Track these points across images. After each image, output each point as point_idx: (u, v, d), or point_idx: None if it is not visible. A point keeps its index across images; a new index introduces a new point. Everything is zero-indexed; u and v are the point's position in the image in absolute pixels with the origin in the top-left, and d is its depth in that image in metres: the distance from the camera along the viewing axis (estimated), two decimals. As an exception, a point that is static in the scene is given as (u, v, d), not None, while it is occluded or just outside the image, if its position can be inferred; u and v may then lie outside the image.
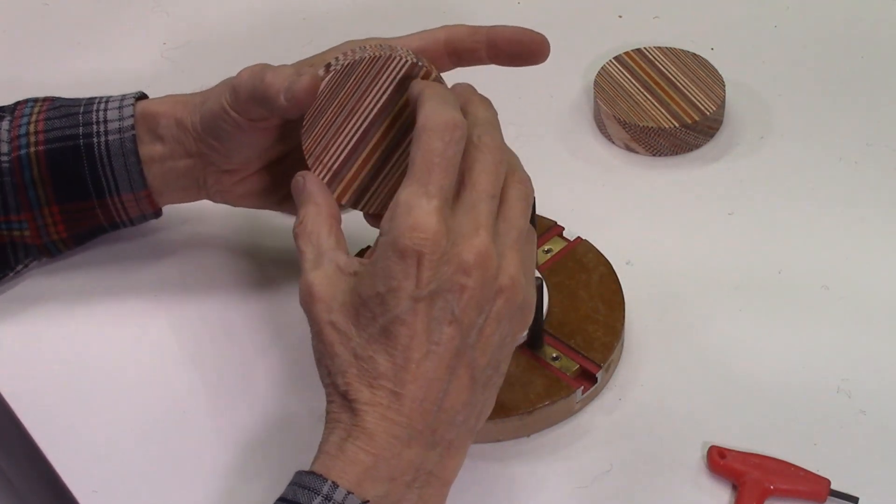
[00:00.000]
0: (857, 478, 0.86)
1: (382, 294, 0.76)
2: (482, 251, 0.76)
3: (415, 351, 0.76)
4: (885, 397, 0.90)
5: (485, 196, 0.78)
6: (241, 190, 0.93)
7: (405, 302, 0.75)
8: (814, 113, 1.08)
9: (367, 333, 0.76)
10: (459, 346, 0.76)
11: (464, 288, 0.76)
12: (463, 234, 0.76)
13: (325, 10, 1.18)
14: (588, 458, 0.88)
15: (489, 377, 0.78)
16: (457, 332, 0.76)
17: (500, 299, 0.77)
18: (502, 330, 0.78)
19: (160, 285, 0.98)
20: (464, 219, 0.77)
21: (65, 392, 0.93)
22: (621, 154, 1.06)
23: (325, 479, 0.75)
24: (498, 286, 0.77)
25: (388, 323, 0.76)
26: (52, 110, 0.93)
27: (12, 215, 0.93)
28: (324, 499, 0.74)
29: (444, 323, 0.76)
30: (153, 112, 0.91)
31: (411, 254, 0.75)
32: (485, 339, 0.77)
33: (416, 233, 0.75)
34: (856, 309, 0.95)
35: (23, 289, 0.98)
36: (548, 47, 0.86)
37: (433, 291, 0.75)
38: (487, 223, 0.77)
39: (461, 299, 0.76)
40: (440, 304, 0.76)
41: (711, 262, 0.98)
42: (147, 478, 0.88)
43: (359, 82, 0.83)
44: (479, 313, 0.77)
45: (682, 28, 1.14)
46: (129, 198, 0.93)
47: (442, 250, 0.75)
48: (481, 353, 0.77)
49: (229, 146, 0.89)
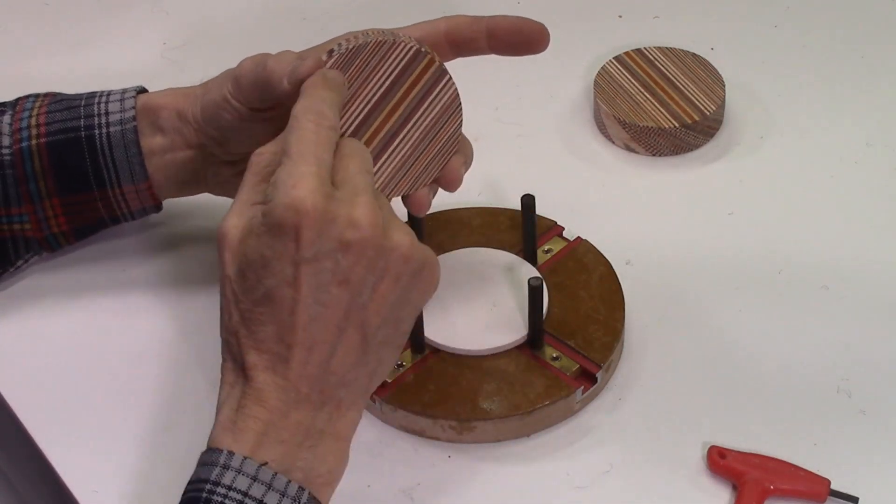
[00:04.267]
0: (857, 478, 0.86)
1: (267, 258, 0.76)
2: (369, 209, 0.76)
3: (300, 314, 0.76)
4: (885, 397, 0.90)
5: (359, 171, 0.79)
6: (240, 182, 0.93)
7: (288, 266, 0.76)
8: (814, 113, 1.08)
9: (252, 297, 0.77)
10: (349, 305, 0.77)
11: (350, 245, 0.76)
12: (344, 198, 0.77)
13: (325, 9, 1.18)
14: (588, 458, 0.88)
15: (386, 336, 0.79)
16: (345, 292, 0.76)
17: (393, 257, 0.77)
18: (400, 289, 0.78)
19: (161, 281, 0.98)
20: (343, 188, 0.77)
21: (65, 390, 0.93)
22: (621, 154, 1.06)
23: (220, 451, 0.76)
24: (390, 245, 0.77)
25: (272, 288, 0.76)
26: (53, 104, 0.93)
27: (13, 208, 0.93)
28: (222, 468, 0.75)
29: (332, 284, 0.76)
30: (154, 104, 0.92)
31: (289, 221, 0.75)
32: (379, 297, 0.77)
33: (294, 199, 0.75)
34: (856, 309, 0.95)
35: (23, 285, 0.98)
36: (547, 36, 0.87)
37: (317, 253, 0.76)
38: (367, 190, 0.78)
39: (347, 256, 0.76)
40: (327, 264, 0.76)
41: (711, 262, 0.98)
42: (147, 478, 0.88)
43: (362, 66, 0.84)
44: (369, 271, 0.77)
45: (682, 28, 1.14)
46: (130, 190, 0.93)
47: (321, 212, 0.75)
48: (374, 313, 0.78)
49: (230, 136, 0.90)
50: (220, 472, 0.75)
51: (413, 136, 0.86)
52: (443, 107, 0.86)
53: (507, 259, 0.95)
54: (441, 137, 0.87)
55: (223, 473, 0.75)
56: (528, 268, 0.94)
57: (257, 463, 0.76)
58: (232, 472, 0.75)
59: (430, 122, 0.86)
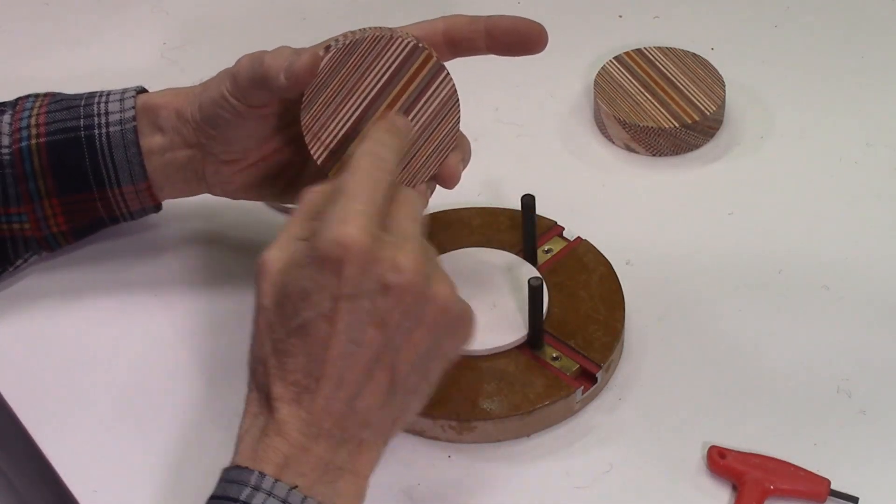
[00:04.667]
0: (857, 478, 0.86)
1: (307, 290, 0.76)
2: (414, 256, 0.77)
3: (332, 350, 0.76)
4: (885, 397, 0.90)
5: (411, 218, 0.79)
6: (241, 181, 0.93)
7: (327, 301, 0.76)
8: (814, 113, 1.08)
9: (287, 328, 0.77)
10: (382, 348, 0.77)
11: (390, 288, 0.76)
12: (391, 241, 0.77)
13: (325, 9, 1.18)
14: (588, 458, 0.88)
15: (414, 384, 0.79)
16: (380, 334, 0.76)
17: (431, 307, 0.77)
18: (433, 339, 0.78)
19: (160, 281, 0.98)
20: (392, 233, 0.78)
21: (65, 390, 0.93)
22: (621, 154, 1.06)
23: (251, 471, 0.75)
24: (431, 293, 0.77)
25: (308, 320, 0.76)
26: (53, 104, 0.93)
27: (12, 208, 0.93)
28: (253, 489, 0.75)
29: (368, 324, 0.76)
30: (154, 104, 0.92)
31: (334, 256, 0.75)
32: (412, 344, 0.77)
33: (342, 234, 0.75)
34: (856, 309, 0.95)
35: (22, 285, 0.98)
36: (545, 37, 0.87)
37: (358, 291, 0.76)
38: (416, 237, 0.78)
39: (387, 299, 0.76)
40: (365, 304, 0.76)
41: (711, 263, 0.98)
42: (147, 478, 0.88)
43: (360, 61, 0.84)
44: (406, 317, 0.77)
45: (682, 28, 1.14)
46: (130, 190, 0.93)
47: (367, 251, 0.75)
48: (405, 359, 0.77)
49: (228, 135, 0.90)
50: (250, 492, 0.75)
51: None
52: (440, 102, 0.86)
53: (507, 259, 0.95)
54: (439, 133, 0.87)
55: (254, 494, 0.75)
56: (528, 268, 0.94)
57: (288, 486, 0.75)
58: (262, 494, 0.75)
59: (428, 117, 0.86)
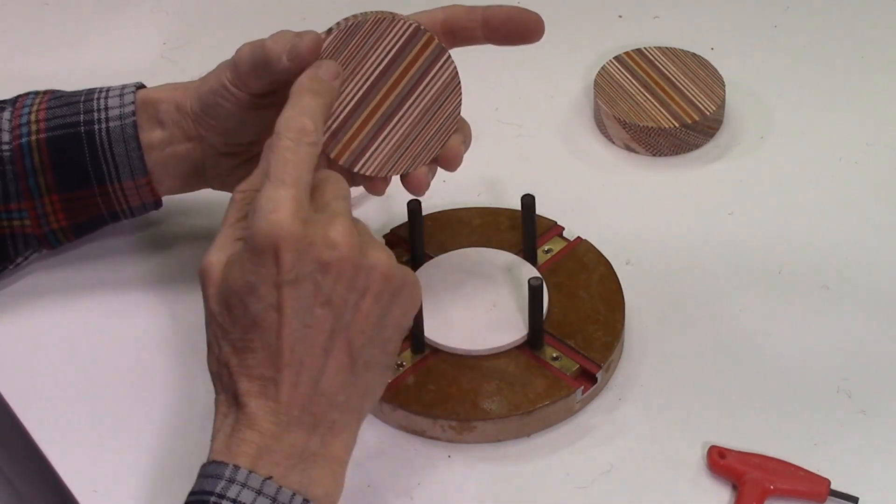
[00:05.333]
0: (857, 478, 0.86)
1: (251, 284, 0.77)
2: (344, 230, 0.77)
3: (286, 336, 0.77)
4: (885, 397, 0.90)
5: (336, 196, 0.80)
6: (241, 174, 0.93)
7: (271, 290, 0.77)
8: (814, 113, 1.08)
9: (240, 325, 0.78)
10: (333, 325, 0.77)
11: (328, 265, 0.77)
12: (321, 220, 0.78)
13: (325, 10, 1.17)
14: (588, 458, 0.88)
15: (373, 356, 0.79)
16: (328, 312, 0.77)
17: (373, 274, 0.78)
18: (381, 308, 0.79)
19: (161, 279, 0.98)
20: (321, 212, 0.79)
21: (65, 390, 0.93)
22: (621, 154, 1.06)
23: (225, 464, 0.76)
24: (368, 262, 0.78)
25: (258, 312, 0.77)
26: (53, 100, 0.93)
27: (12, 204, 0.93)
28: (227, 481, 0.76)
29: (315, 305, 0.77)
30: (153, 98, 0.92)
31: (269, 245, 0.76)
32: (362, 316, 0.78)
33: (273, 224, 0.76)
34: (856, 309, 0.95)
35: (23, 284, 0.98)
36: (542, 26, 0.87)
37: (298, 275, 0.76)
38: (344, 212, 0.79)
39: (327, 276, 0.77)
40: (308, 286, 0.77)
41: (711, 262, 0.98)
42: (147, 478, 0.88)
43: (362, 43, 0.84)
44: (349, 289, 0.77)
45: (682, 28, 1.14)
46: (130, 185, 0.93)
47: (300, 236, 0.76)
48: (359, 332, 0.78)
49: (228, 126, 0.90)
50: (225, 485, 0.75)
51: (412, 113, 0.87)
52: (442, 85, 0.86)
53: (507, 259, 0.95)
54: (440, 116, 0.87)
55: (228, 487, 0.75)
56: (528, 268, 0.94)
57: (262, 477, 0.76)
58: (237, 486, 0.75)
59: (430, 100, 0.86)
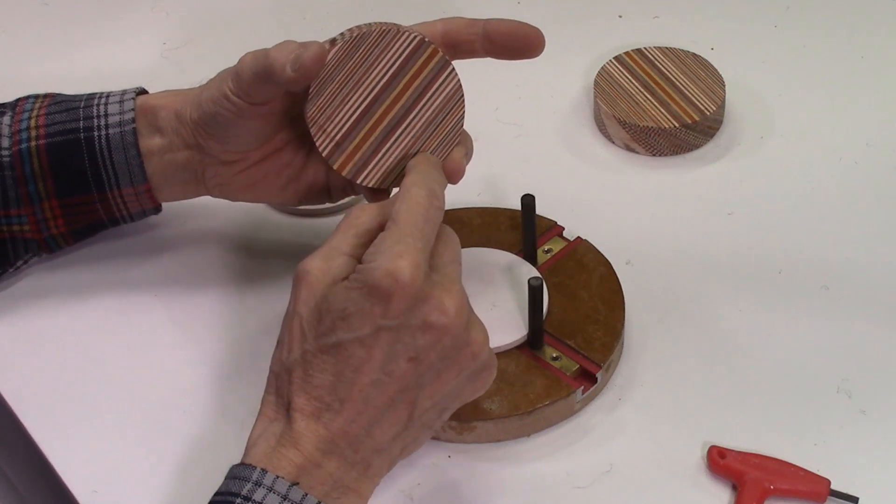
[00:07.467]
0: (857, 478, 0.86)
1: (349, 312, 0.77)
2: (459, 300, 0.78)
3: (364, 375, 0.77)
4: (885, 397, 0.90)
5: (454, 260, 0.81)
6: (240, 182, 0.93)
7: (368, 327, 0.77)
8: (814, 113, 1.08)
9: (321, 342, 0.78)
10: (409, 383, 0.78)
11: (432, 327, 0.77)
12: (441, 282, 0.78)
13: (326, 10, 1.18)
14: (588, 458, 0.88)
15: (429, 420, 0.80)
16: (412, 369, 0.78)
17: (466, 351, 0.79)
18: (458, 382, 0.80)
19: (160, 282, 0.98)
20: (438, 273, 0.79)
21: (65, 390, 0.93)
22: (621, 154, 1.06)
23: (253, 468, 0.76)
24: (467, 338, 0.79)
25: (345, 341, 0.77)
26: (53, 105, 0.93)
27: (12, 210, 0.93)
28: (254, 484, 0.76)
29: (402, 358, 0.78)
30: (153, 105, 0.92)
31: (385, 286, 0.77)
32: (439, 384, 0.79)
33: (396, 269, 0.77)
34: (856, 309, 0.95)
35: (23, 286, 0.98)
36: (542, 41, 0.87)
37: (401, 324, 0.77)
38: (459, 280, 0.80)
39: (425, 337, 0.78)
40: (405, 338, 0.77)
41: (711, 262, 0.98)
42: (147, 478, 0.88)
43: (367, 54, 0.84)
44: (440, 357, 0.78)
45: (682, 28, 1.14)
46: (130, 192, 0.93)
47: (418, 289, 0.77)
48: (428, 396, 0.79)
49: (227, 135, 0.90)
50: (251, 488, 0.76)
51: (415, 126, 0.86)
52: (445, 97, 0.86)
53: (507, 259, 0.95)
54: (443, 128, 0.87)
55: (254, 490, 0.76)
56: (528, 268, 0.94)
57: (290, 482, 0.76)
58: (263, 490, 0.76)
59: (433, 112, 0.86)
